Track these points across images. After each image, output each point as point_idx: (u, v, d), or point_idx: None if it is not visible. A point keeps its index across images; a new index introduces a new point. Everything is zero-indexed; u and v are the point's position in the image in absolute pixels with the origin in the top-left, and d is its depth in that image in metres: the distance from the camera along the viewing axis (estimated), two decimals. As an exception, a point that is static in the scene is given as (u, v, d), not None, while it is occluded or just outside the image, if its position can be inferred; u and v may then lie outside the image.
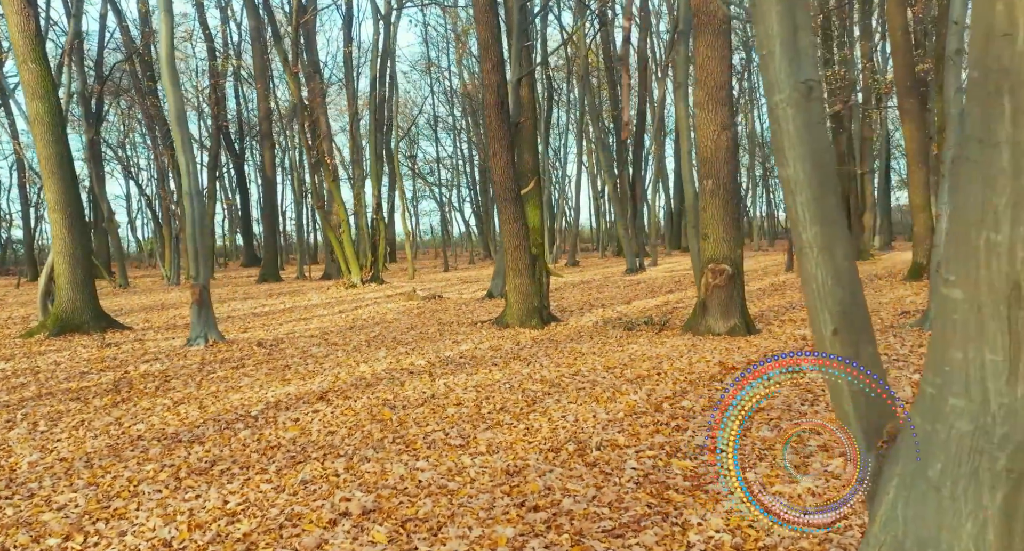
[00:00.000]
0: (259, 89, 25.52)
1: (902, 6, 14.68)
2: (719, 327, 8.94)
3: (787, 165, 2.27)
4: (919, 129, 14.98)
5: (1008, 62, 1.85)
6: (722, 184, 9.11)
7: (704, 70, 9.16)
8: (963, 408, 2.01)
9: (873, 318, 9.54)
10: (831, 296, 2.26)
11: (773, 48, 2.24)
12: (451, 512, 3.60)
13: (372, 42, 23.08)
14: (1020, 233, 1.88)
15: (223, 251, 54.75)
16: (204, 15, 32.18)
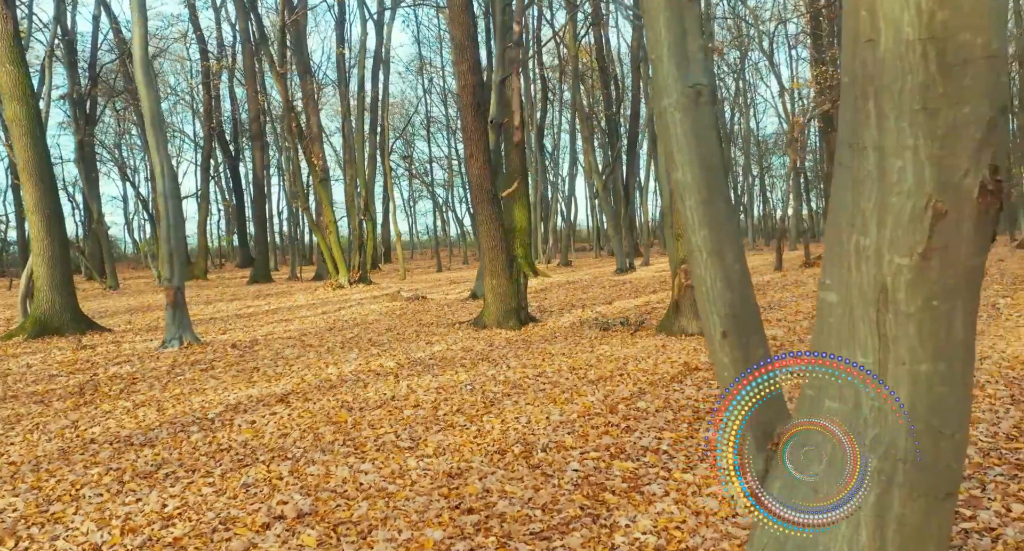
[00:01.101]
0: (249, 90, 25.52)
1: (884, 5, 14.67)
2: (692, 327, 8.94)
3: (676, 169, 2.27)
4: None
5: (871, 67, 1.86)
6: (695, 184, 9.10)
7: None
8: (838, 410, 2.02)
9: (848, 318, 9.54)
10: (720, 299, 2.27)
11: (661, 52, 2.24)
12: (385, 515, 3.60)
13: (360, 42, 23.07)
14: (886, 236, 1.89)
15: (219, 252, 54.80)
16: (196, 16, 32.15)
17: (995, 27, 1.80)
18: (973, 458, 3.96)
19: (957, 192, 1.84)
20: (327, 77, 38.01)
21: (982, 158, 1.84)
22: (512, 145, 19.74)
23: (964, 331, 1.94)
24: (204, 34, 32.74)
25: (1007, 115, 1.89)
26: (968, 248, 1.87)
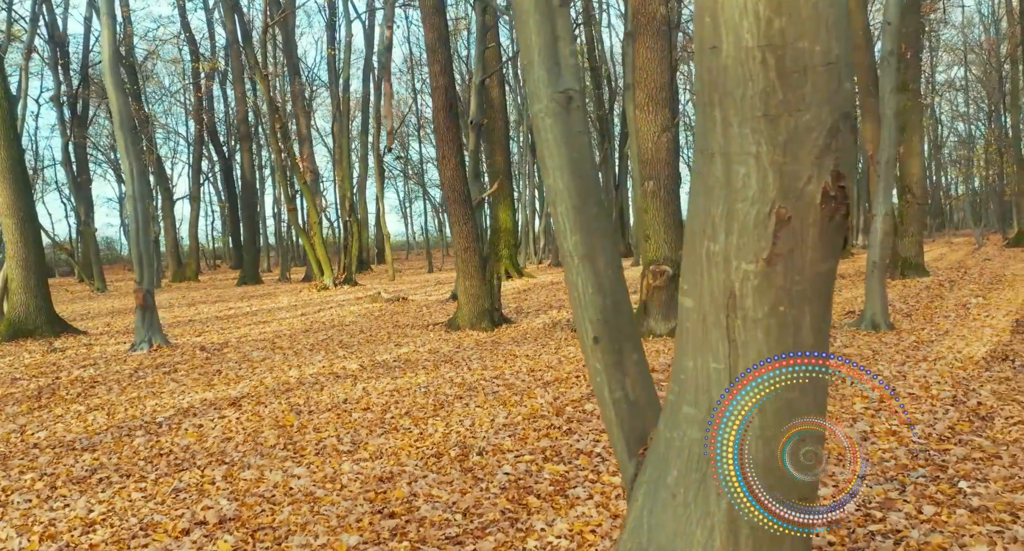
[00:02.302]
0: (237, 91, 25.52)
1: (863, 6, 14.68)
2: (660, 328, 8.95)
3: (548, 175, 2.27)
4: (896, 128, 14.97)
5: (716, 74, 1.86)
6: (663, 186, 9.11)
7: (644, 72, 9.15)
8: (693, 416, 2.02)
9: (818, 318, 9.54)
10: (591, 305, 2.27)
11: (532, 57, 2.25)
12: (306, 520, 3.60)
13: (345, 43, 23.07)
14: (733, 242, 1.89)
15: (212, 253, 54.79)
16: (186, 17, 32.13)
17: (834, 34, 1.81)
18: (900, 459, 3.96)
19: (800, 198, 1.84)
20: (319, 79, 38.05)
21: (824, 165, 1.84)
22: (496, 146, 19.74)
23: (813, 336, 1.94)
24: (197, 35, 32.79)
25: (851, 122, 1.89)
26: (814, 254, 1.88)
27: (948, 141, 48.77)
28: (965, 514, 3.22)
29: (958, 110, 44.07)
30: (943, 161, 49.28)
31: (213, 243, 55.46)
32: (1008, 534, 3.01)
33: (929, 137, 45.24)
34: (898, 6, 8.33)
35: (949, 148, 48.91)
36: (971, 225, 42.04)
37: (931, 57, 39.09)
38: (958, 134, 48.09)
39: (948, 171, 52.10)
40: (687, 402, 2.03)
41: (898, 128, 15.21)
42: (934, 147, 46.76)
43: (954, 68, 40.87)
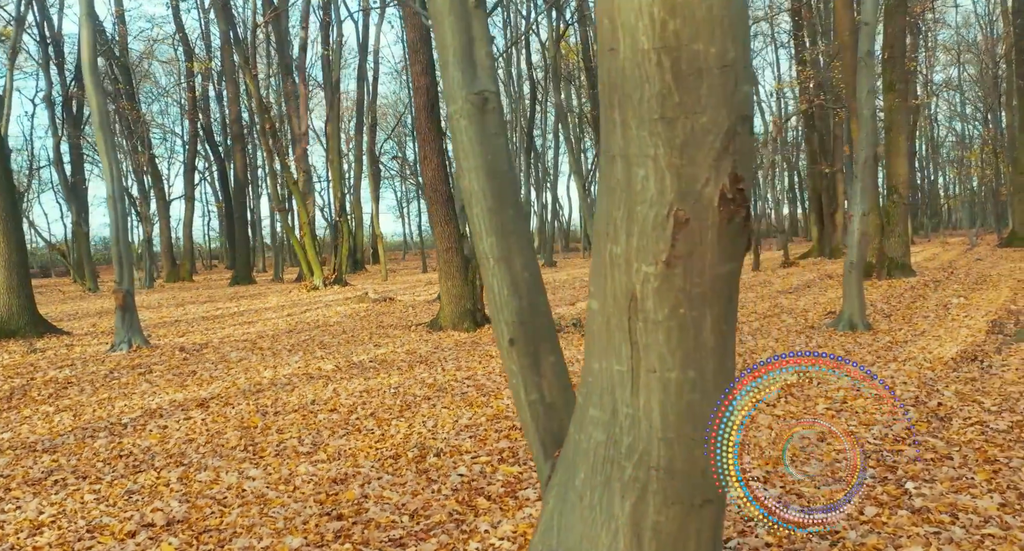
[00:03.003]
0: (229, 91, 25.52)
1: (849, 6, 14.68)
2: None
3: (463, 176, 2.27)
4: (875, 128, 14.98)
5: (615, 76, 1.86)
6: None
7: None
8: (598, 418, 2.02)
9: (799, 318, 9.56)
10: (507, 307, 2.26)
11: (447, 58, 2.24)
12: (252, 523, 3.59)
13: (336, 44, 23.08)
14: (633, 245, 1.89)
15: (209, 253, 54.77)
16: (180, 17, 32.11)
17: (730, 37, 1.80)
18: (852, 460, 3.96)
19: (698, 201, 1.84)
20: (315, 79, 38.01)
21: (722, 167, 1.83)
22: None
23: (714, 339, 1.94)
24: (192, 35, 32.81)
25: (749, 125, 1.89)
26: (713, 256, 1.87)
27: (946, 141, 48.79)
28: (906, 515, 3.21)
29: (956, 110, 44.09)
30: (941, 161, 49.31)
31: (209, 243, 55.45)
32: (945, 535, 3.01)
33: (926, 137, 45.30)
34: (875, 7, 8.33)
35: (947, 148, 48.93)
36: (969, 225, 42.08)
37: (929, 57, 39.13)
38: (956, 134, 48.10)
39: (946, 171, 52.11)
40: (593, 404, 2.03)
41: (884, 129, 15.25)
42: (931, 147, 46.79)
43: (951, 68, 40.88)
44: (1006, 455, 3.88)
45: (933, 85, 39.47)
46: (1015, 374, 5.65)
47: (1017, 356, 6.29)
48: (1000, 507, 3.24)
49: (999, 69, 32.16)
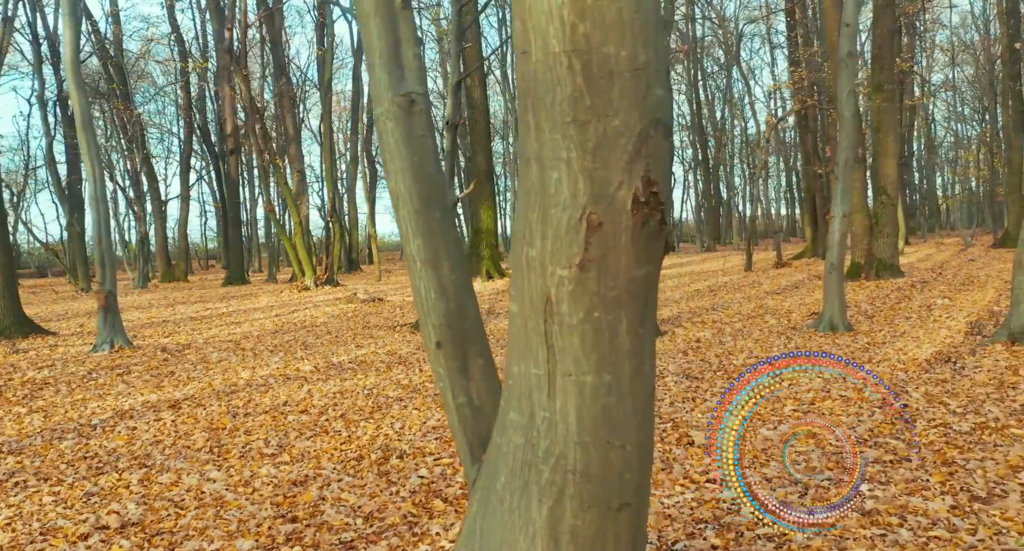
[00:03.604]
0: (222, 91, 25.50)
1: (838, 6, 14.67)
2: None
3: (390, 178, 2.26)
4: (855, 129, 14.98)
5: (528, 79, 1.85)
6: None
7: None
8: (517, 422, 2.01)
9: (781, 319, 9.55)
10: (434, 309, 2.25)
11: (373, 60, 2.23)
12: (206, 525, 3.59)
13: (327, 44, 23.08)
14: (548, 248, 1.88)
15: (206, 252, 54.77)
16: (175, 17, 32.12)
17: (641, 40, 1.80)
18: (811, 462, 3.96)
19: (611, 204, 1.83)
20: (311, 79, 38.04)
21: (635, 171, 1.83)
22: (478, 147, 19.75)
23: (631, 342, 1.93)
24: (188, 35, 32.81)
25: (663, 128, 1.88)
26: (628, 260, 1.86)
27: (944, 142, 48.80)
28: (855, 517, 3.21)
29: (954, 110, 44.10)
30: (939, 162, 49.32)
31: (206, 243, 55.45)
32: (891, 538, 3.01)
33: (925, 137, 45.32)
34: (856, 8, 8.33)
35: (945, 149, 48.93)
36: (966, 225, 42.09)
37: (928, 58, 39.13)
38: (954, 134, 48.12)
39: (945, 172, 52.11)
40: (513, 408, 2.02)
41: (872, 130, 15.23)
42: (928, 148, 46.79)
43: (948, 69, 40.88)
44: (964, 457, 3.87)
45: (931, 86, 39.50)
46: (986, 375, 5.65)
47: (991, 357, 6.28)
48: (950, 509, 3.23)
49: (995, 70, 32.16)
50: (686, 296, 13.54)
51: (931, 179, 49.22)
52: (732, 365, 6.68)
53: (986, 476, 3.58)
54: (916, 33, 32.03)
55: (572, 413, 1.92)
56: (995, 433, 4.24)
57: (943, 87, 40.65)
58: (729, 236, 47.13)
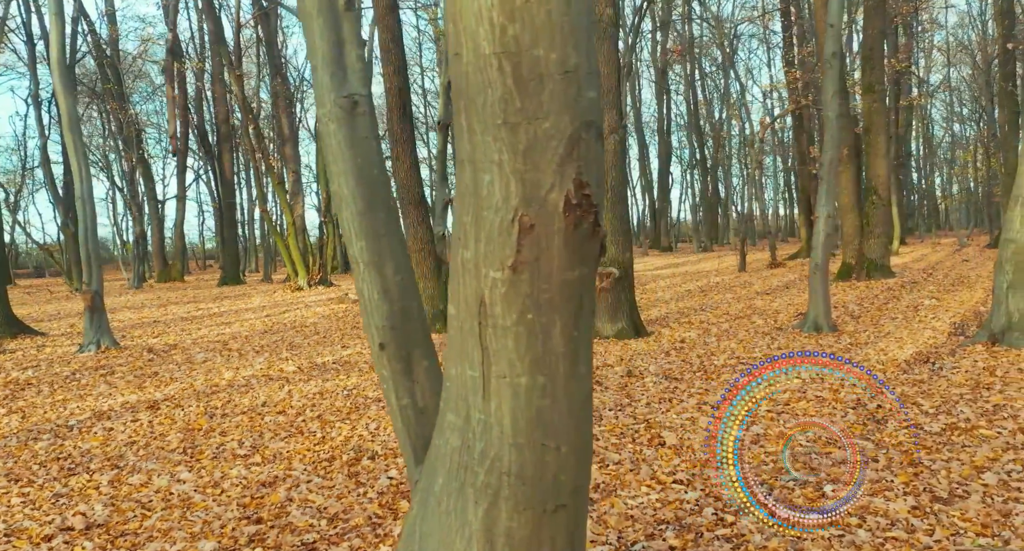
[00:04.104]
0: (216, 92, 25.53)
1: (825, 6, 14.67)
2: (607, 330, 8.93)
3: (333, 180, 2.26)
4: (846, 130, 14.98)
5: (460, 81, 1.85)
6: (610, 187, 9.10)
7: (591, 73, 9.13)
8: (454, 423, 2.01)
9: (768, 320, 9.55)
10: (377, 311, 2.26)
11: (316, 62, 2.24)
12: (170, 526, 3.58)
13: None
14: (481, 250, 1.88)
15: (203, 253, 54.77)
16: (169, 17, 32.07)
17: (571, 43, 1.80)
18: (779, 463, 3.96)
19: (543, 207, 1.83)
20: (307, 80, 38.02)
21: (566, 173, 1.83)
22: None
23: (565, 344, 1.92)
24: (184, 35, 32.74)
25: (595, 131, 1.88)
26: (561, 262, 1.86)
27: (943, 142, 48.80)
28: (815, 518, 3.20)
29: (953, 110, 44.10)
30: (938, 161, 49.33)
31: (204, 243, 55.45)
32: (848, 538, 3.01)
33: (924, 138, 45.34)
34: (840, 9, 8.33)
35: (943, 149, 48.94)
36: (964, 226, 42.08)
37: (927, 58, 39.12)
38: (953, 135, 48.13)
39: (943, 172, 52.13)
40: (450, 410, 2.02)
41: (863, 130, 15.24)
42: (927, 148, 46.80)
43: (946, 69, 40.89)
44: (931, 457, 3.87)
45: (928, 86, 39.51)
46: (963, 376, 5.65)
47: (970, 358, 6.29)
48: (911, 510, 3.23)
49: (992, 70, 32.16)
50: (676, 296, 13.54)
51: (930, 179, 49.24)
52: (713, 366, 6.68)
53: (950, 477, 3.58)
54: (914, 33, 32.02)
55: (507, 415, 1.92)
56: (964, 434, 4.24)
57: (941, 87, 40.66)
58: (727, 236, 47.14)
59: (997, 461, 3.77)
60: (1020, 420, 4.44)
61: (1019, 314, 6.57)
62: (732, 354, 7.20)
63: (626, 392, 5.79)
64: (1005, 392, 5.09)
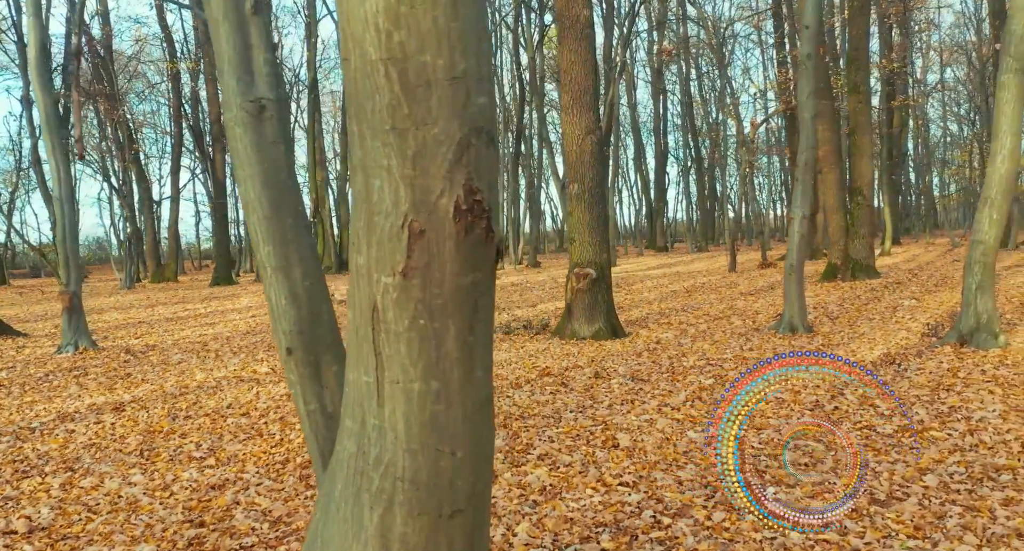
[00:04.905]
0: (209, 91, 25.52)
1: (814, 7, 14.66)
2: (584, 331, 8.93)
3: (240, 184, 2.26)
4: (832, 130, 14.98)
5: (350, 87, 1.86)
6: (587, 188, 9.10)
7: (568, 75, 9.15)
8: (351, 429, 2.01)
9: (747, 320, 9.55)
10: (285, 316, 2.26)
11: (223, 65, 2.23)
12: (112, 530, 3.58)
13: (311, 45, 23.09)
14: (374, 256, 1.88)
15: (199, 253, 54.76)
16: (164, 16, 32.08)
17: (459, 49, 1.80)
18: (727, 467, 3.95)
19: (433, 212, 1.83)
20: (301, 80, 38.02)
21: (456, 179, 1.82)
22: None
23: (459, 349, 1.92)
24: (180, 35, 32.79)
25: (487, 136, 1.88)
26: (453, 267, 1.86)
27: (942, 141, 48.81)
28: (751, 520, 3.21)
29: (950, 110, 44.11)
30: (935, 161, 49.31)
31: (200, 243, 55.44)
32: (780, 541, 3.01)
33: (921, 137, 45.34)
34: (815, 9, 8.32)
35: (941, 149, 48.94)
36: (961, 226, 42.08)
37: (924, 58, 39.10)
38: (950, 135, 48.14)
39: (941, 172, 52.11)
40: (348, 415, 2.02)
41: (848, 131, 15.23)
42: (924, 148, 46.80)
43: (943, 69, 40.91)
44: (877, 459, 3.87)
45: (924, 86, 39.52)
46: (926, 378, 5.65)
47: (936, 359, 6.29)
48: (848, 512, 3.23)
49: (986, 70, 32.17)
50: (661, 297, 13.54)
51: (928, 179, 49.25)
52: (682, 367, 6.68)
53: (892, 478, 3.58)
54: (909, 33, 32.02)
55: (401, 420, 1.92)
56: (915, 436, 4.24)
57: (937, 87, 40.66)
58: (724, 236, 47.14)
59: (942, 463, 3.77)
60: (972, 421, 4.44)
61: (987, 315, 6.57)
62: (703, 355, 7.20)
63: (590, 394, 5.79)
64: (963, 394, 5.09)
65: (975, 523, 3.06)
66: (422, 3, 1.77)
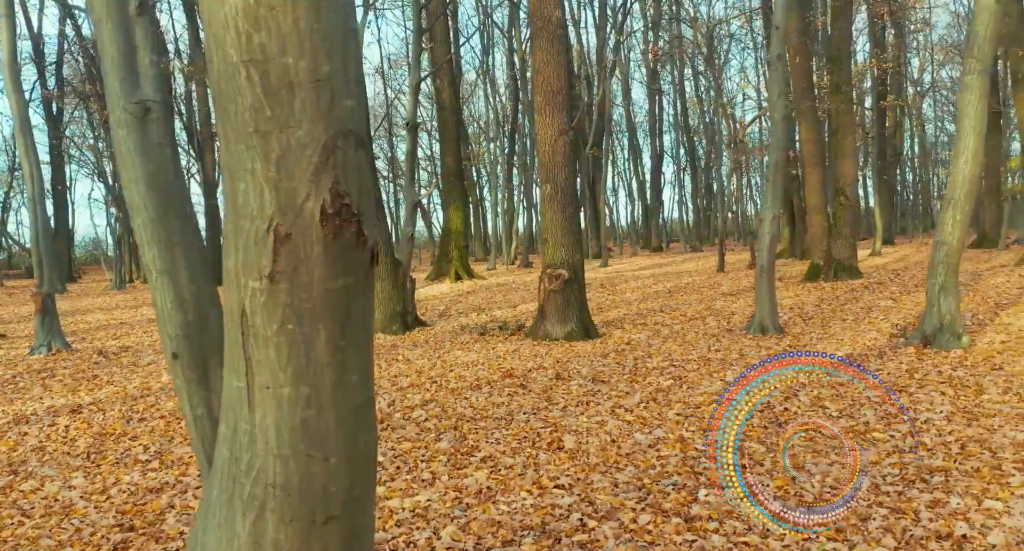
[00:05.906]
0: (199, 93, 25.51)
1: (797, 10, 14.66)
2: (556, 332, 8.91)
3: (126, 187, 2.24)
4: (815, 130, 14.98)
5: (214, 89, 1.84)
6: (560, 189, 9.08)
7: (541, 75, 9.13)
8: (224, 434, 1.99)
9: (722, 321, 9.53)
10: (171, 320, 2.23)
11: (106, 67, 2.21)
12: (41, 533, 3.56)
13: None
14: (240, 259, 1.86)
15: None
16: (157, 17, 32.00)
17: (323, 51, 1.78)
18: (669, 466, 3.94)
19: (299, 216, 1.81)
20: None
21: (322, 182, 1.80)
22: (447, 147, 19.73)
23: (330, 354, 1.90)
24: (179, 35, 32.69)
25: (355, 139, 1.86)
26: (321, 272, 1.84)
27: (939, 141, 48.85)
28: (677, 523, 3.19)
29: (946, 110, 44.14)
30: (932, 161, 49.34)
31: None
32: (699, 543, 2.99)
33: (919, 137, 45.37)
34: (784, 10, 8.31)
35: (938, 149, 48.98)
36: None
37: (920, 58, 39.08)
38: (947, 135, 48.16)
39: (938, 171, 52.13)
40: (223, 420, 2.00)
41: (831, 131, 15.23)
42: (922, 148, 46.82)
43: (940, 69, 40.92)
44: (815, 460, 3.86)
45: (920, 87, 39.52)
46: (885, 378, 5.63)
47: (898, 360, 6.27)
48: (773, 514, 3.21)
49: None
50: (642, 297, 13.53)
51: (925, 179, 49.29)
52: (645, 368, 6.66)
53: (824, 480, 3.57)
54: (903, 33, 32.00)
55: (271, 426, 1.90)
56: (858, 437, 4.22)
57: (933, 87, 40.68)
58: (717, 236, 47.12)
59: (878, 465, 3.75)
60: (918, 423, 4.42)
61: (950, 316, 6.55)
62: (667, 356, 7.18)
63: (547, 395, 5.77)
64: (915, 395, 5.08)
65: (897, 525, 3.04)
66: (281, 5, 1.75)
